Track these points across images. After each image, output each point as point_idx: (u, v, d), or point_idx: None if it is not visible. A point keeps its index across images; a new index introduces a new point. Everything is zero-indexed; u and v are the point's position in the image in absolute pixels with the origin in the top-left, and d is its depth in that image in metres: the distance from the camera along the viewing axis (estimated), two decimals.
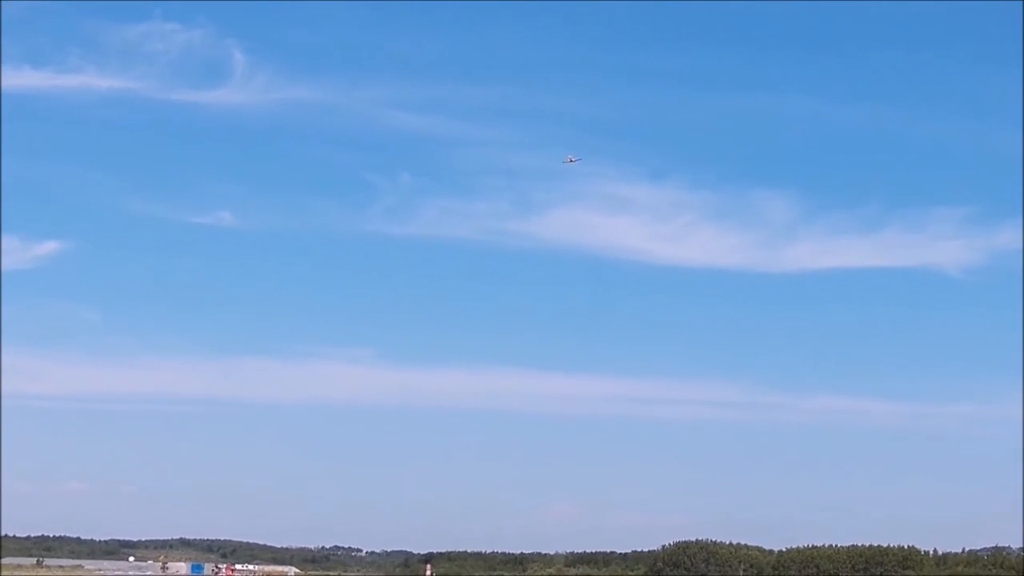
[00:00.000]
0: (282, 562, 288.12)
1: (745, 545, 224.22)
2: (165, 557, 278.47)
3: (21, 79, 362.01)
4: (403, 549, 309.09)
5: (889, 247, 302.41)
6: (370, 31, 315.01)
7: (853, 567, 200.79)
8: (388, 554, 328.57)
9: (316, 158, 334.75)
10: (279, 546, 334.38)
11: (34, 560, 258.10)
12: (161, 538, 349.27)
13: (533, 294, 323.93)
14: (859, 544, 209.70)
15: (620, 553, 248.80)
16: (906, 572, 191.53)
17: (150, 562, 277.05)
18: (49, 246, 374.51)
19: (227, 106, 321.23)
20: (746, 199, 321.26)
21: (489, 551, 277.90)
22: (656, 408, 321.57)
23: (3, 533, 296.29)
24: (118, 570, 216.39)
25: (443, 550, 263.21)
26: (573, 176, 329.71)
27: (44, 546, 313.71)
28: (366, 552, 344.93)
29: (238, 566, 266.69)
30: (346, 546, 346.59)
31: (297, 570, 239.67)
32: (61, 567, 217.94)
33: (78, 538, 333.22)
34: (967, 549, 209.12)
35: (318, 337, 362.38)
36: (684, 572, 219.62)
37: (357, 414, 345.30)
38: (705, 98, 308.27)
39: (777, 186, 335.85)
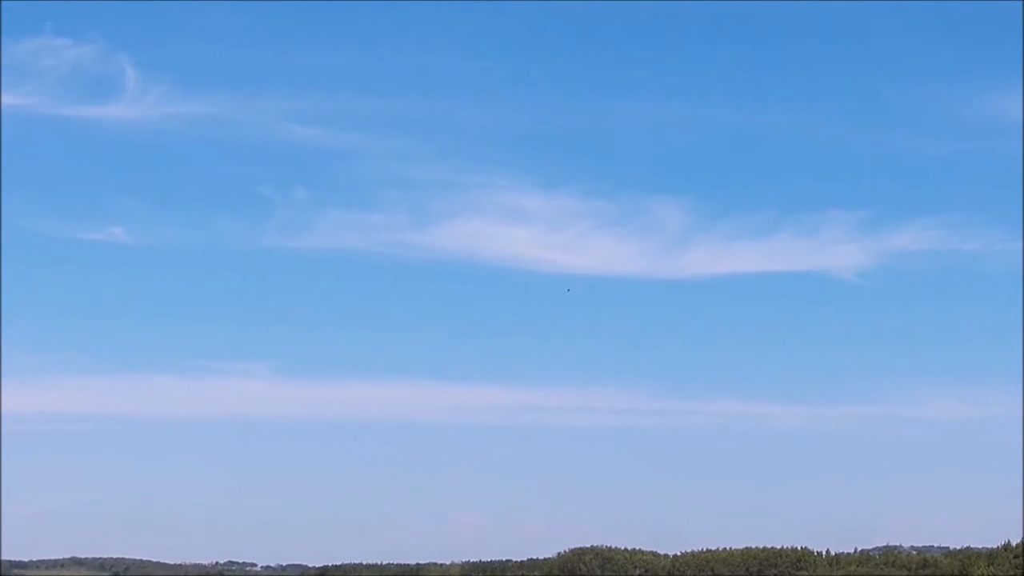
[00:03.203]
0: None
1: (640, 550, 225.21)
2: None
3: None
4: (298, 563, 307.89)
5: (783, 252, 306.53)
6: (263, 44, 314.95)
7: (747, 569, 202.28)
8: (283, 568, 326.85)
9: (210, 172, 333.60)
10: (172, 562, 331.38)
11: None
12: (53, 557, 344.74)
13: (430, 305, 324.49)
14: (753, 546, 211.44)
15: (516, 561, 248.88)
16: (800, 573, 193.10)
17: None
18: None
19: (120, 121, 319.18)
20: (640, 207, 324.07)
21: (384, 562, 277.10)
22: (554, 416, 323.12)
23: None
24: None
25: (338, 563, 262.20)
26: (469, 187, 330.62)
27: None
28: (261, 567, 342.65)
29: None
30: (240, 561, 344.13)
31: None
32: None
33: None
34: (859, 549, 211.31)
35: (212, 352, 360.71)
36: None
37: (252, 428, 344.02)
38: (599, 106, 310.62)
39: (672, 193, 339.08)
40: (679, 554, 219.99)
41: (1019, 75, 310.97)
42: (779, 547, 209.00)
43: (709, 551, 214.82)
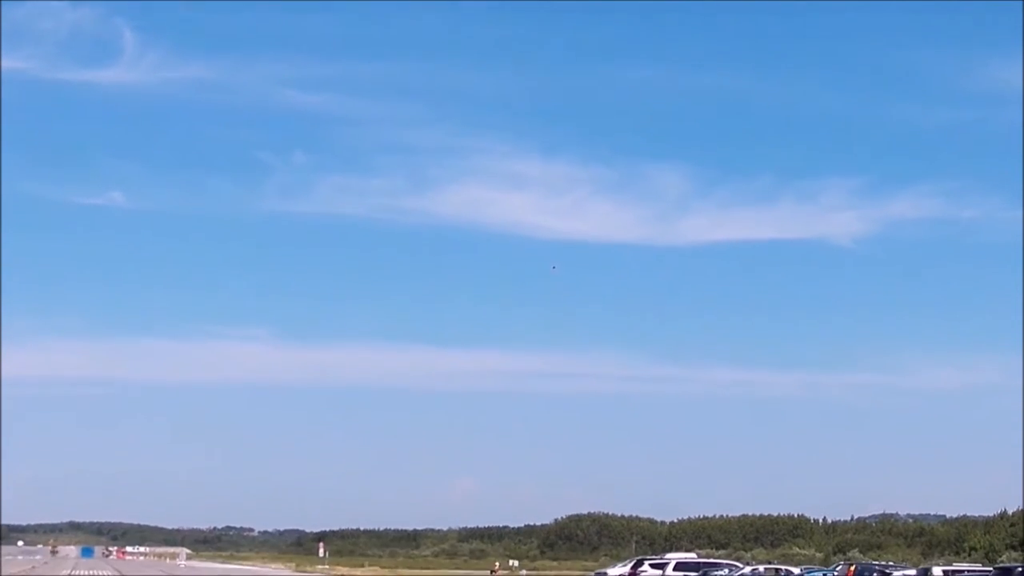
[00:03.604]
0: (173, 543, 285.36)
1: (637, 517, 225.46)
2: (55, 541, 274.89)
3: None
4: (296, 528, 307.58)
5: (782, 219, 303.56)
6: (262, 9, 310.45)
7: (744, 537, 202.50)
8: (281, 533, 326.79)
9: (209, 137, 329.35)
10: (170, 527, 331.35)
11: None
12: (50, 522, 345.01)
13: (429, 270, 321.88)
14: (750, 514, 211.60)
15: (513, 528, 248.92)
16: (796, 540, 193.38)
17: (40, 546, 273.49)
18: None
19: (118, 85, 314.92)
20: (639, 173, 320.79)
21: (382, 528, 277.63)
22: (551, 382, 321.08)
23: None
24: (7, 554, 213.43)
25: (336, 528, 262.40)
26: (467, 152, 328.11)
27: None
28: (258, 532, 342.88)
29: (129, 548, 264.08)
30: (238, 526, 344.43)
31: (189, 551, 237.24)
32: None
33: None
34: (856, 517, 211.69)
35: (213, 317, 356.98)
36: (577, 544, 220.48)
37: (250, 393, 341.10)
38: (598, 72, 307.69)
39: (670, 159, 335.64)
40: (676, 521, 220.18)
41: (1020, 42, 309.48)
42: (776, 515, 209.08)
43: (706, 518, 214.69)
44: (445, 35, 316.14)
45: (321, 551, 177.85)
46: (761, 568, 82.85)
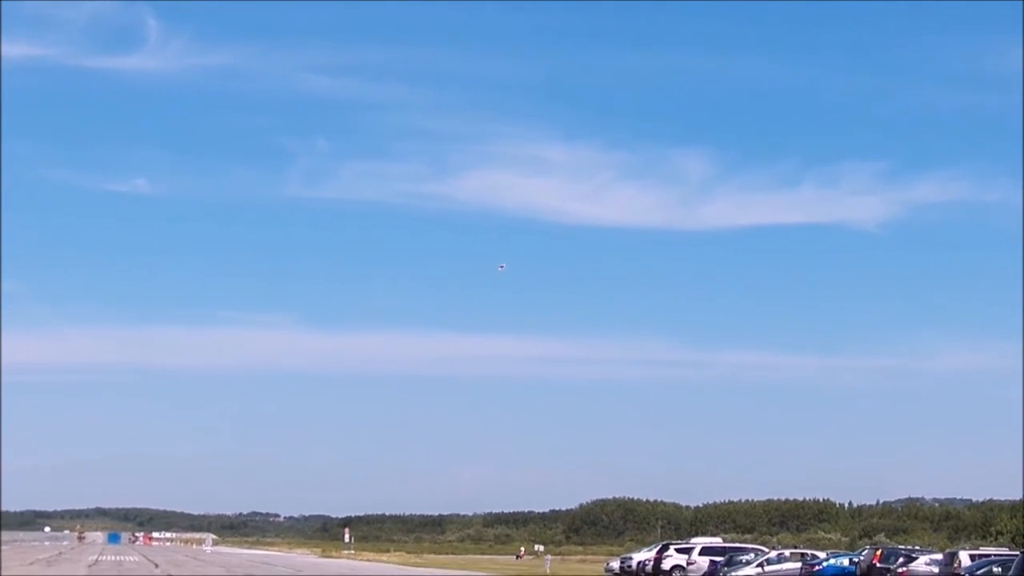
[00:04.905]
0: (199, 529, 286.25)
1: (662, 502, 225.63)
2: (81, 527, 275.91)
3: None
4: (321, 514, 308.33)
5: (805, 203, 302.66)
6: None
7: (770, 521, 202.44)
8: (306, 519, 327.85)
9: (231, 124, 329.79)
10: (196, 513, 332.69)
11: None
12: (77, 508, 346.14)
13: (451, 256, 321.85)
14: (775, 498, 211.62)
15: (538, 512, 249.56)
16: (822, 524, 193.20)
17: (66, 532, 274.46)
18: None
19: (141, 72, 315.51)
20: (661, 157, 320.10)
21: (407, 514, 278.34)
22: (575, 367, 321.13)
23: None
24: (34, 540, 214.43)
25: (361, 514, 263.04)
26: (489, 138, 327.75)
27: None
28: (284, 517, 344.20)
29: (155, 534, 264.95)
30: (264, 512, 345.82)
31: (215, 536, 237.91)
32: None
33: None
34: (881, 501, 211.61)
35: (236, 303, 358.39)
36: (602, 529, 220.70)
37: (274, 380, 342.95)
38: (618, 56, 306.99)
39: (692, 144, 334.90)
40: (701, 505, 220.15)
41: None
42: (801, 499, 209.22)
43: (731, 503, 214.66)
44: (467, 21, 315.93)
45: (347, 536, 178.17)
46: (787, 552, 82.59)
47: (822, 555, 80.00)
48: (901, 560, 68.80)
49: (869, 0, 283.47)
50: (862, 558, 73.09)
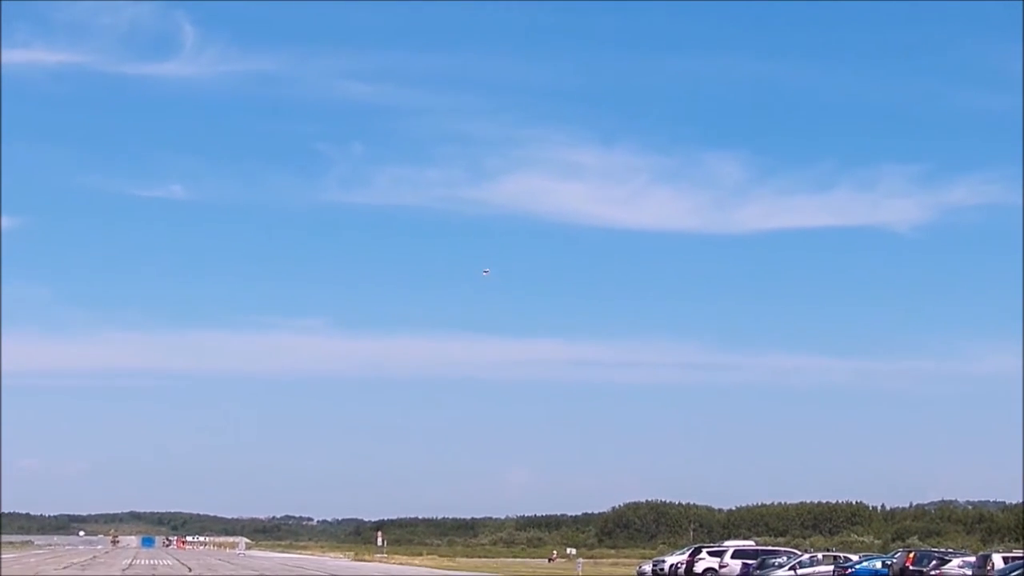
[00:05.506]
0: (233, 533, 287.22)
1: (695, 505, 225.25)
2: (115, 531, 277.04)
3: None
4: (354, 517, 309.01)
5: (841, 206, 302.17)
6: (319, 1, 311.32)
7: (802, 524, 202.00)
8: (339, 523, 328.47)
9: (267, 130, 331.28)
10: (230, 517, 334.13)
11: None
12: (111, 512, 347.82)
13: (486, 261, 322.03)
14: (808, 501, 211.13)
15: (571, 516, 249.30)
16: (855, 527, 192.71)
17: (100, 536, 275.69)
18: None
19: (178, 79, 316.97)
20: (697, 161, 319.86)
21: (440, 517, 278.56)
22: (608, 371, 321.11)
23: None
24: (68, 544, 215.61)
25: (394, 517, 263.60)
26: (525, 142, 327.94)
27: None
28: (317, 521, 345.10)
29: (189, 538, 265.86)
30: (297, 515, 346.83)
31: (248, 540, 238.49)
32: (11, 543, 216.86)
33: (27, 514, 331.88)
34: (914, 503, 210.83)
35: (271, 308, 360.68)
36: (634, 532, 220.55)
37: (308, 384, 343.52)
38: (653, 60, 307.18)
39: (728, 147, 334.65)
40: (733, 508, 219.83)
41: None
42: (834, 502, 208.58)
43: (764, 505, 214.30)
44: (502, 26, 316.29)
45: (379, 540, 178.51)
46: (819, 555, 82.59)
47: (855, 558, 79.99)
48: (934, 563, 68.73)
49: (906, 2, 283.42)
50: (895, 561, 73.02)
